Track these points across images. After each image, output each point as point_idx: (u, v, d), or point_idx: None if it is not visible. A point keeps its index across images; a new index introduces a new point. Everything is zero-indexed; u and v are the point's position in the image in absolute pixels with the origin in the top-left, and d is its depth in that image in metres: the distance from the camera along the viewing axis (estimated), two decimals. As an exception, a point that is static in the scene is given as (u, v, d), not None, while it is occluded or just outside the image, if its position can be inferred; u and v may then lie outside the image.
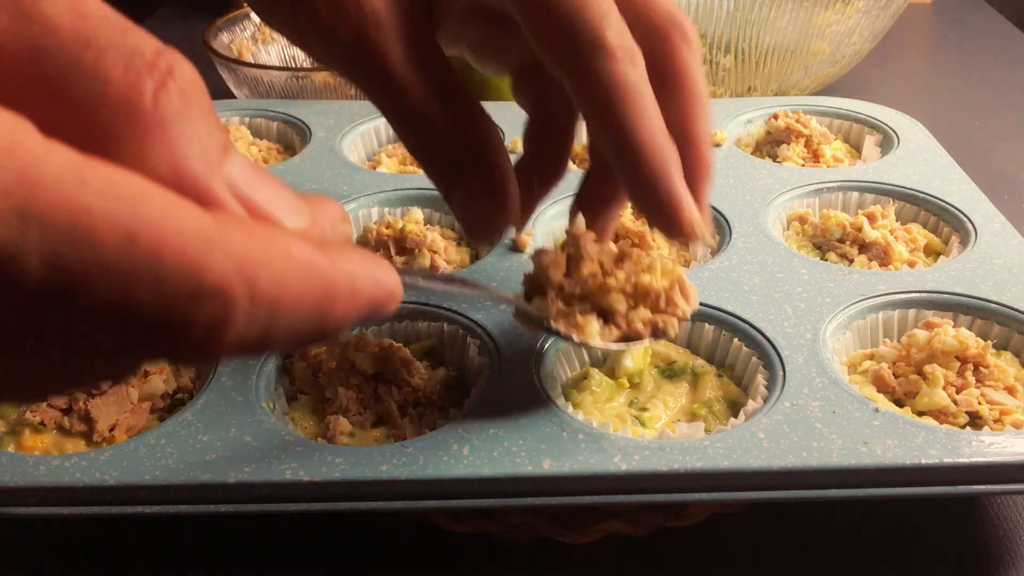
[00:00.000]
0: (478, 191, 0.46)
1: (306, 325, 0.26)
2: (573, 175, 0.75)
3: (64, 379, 0.25)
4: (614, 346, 0.46)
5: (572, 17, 0.41)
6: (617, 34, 0.42)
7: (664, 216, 0.42)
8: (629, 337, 0.46)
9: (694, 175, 0.44)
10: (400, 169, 0.79)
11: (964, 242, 0.66)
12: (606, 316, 0.46)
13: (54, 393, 0.27)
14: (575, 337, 0.45)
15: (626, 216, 0.68)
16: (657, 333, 0.47)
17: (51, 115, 0.24)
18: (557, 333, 0.46)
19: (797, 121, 0.81)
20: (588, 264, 0.46)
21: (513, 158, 0.78)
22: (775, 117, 0.82)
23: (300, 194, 0.29)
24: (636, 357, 0.54)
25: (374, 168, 0.79)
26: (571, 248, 0.46)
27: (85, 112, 0.24)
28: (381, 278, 0.29)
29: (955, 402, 0.52)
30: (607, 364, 0.55)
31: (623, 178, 0.43)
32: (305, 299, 0.26)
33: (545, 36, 0.43)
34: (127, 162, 0.24)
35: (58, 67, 0.24)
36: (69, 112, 0.24)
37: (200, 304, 0.23)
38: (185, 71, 0.26)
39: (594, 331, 0.46)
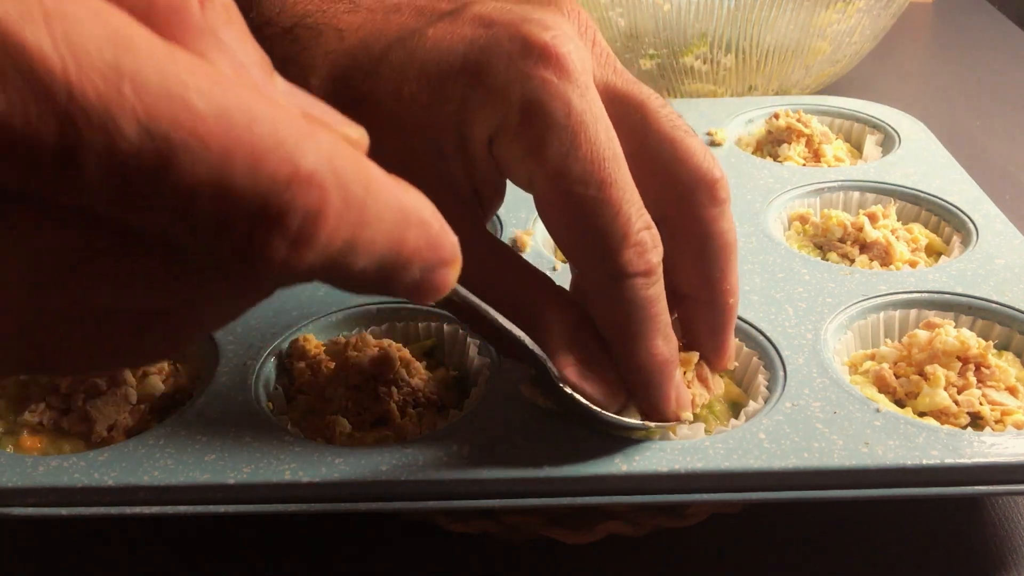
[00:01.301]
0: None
1: (383, 247, 0.24)
2: (573, 175, 0.75)
3: (144, 299, 0.24)
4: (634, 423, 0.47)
5: (592, 243, 0.42)
6: (636, 255, 0.42)
7: (655, 409, 0.47)
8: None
9: (715, 325, 0.49)
10: (400, 169, 0.79)
11: (965, 242, 0.66)
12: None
13: (125, 332, 0.25)
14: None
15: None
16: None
17: None
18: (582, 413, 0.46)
19: (798, 121, 0.81)
20: None
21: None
22: (776, 116, 0.82)
23: None
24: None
25: (374, 167, 0.78)
26: None
27: (140, 16, 0.21)
28: (446, 232, 0.27)
29: (956, 403, 0.52)
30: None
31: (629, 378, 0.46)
32: (385, 211, 0.24)
33: (568, 250, 0.46)
34: None
35: None
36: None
37: (296, 191, 0.21)
38: None
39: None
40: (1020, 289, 0.59)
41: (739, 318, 0.57)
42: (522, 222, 0.68)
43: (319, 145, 0.22)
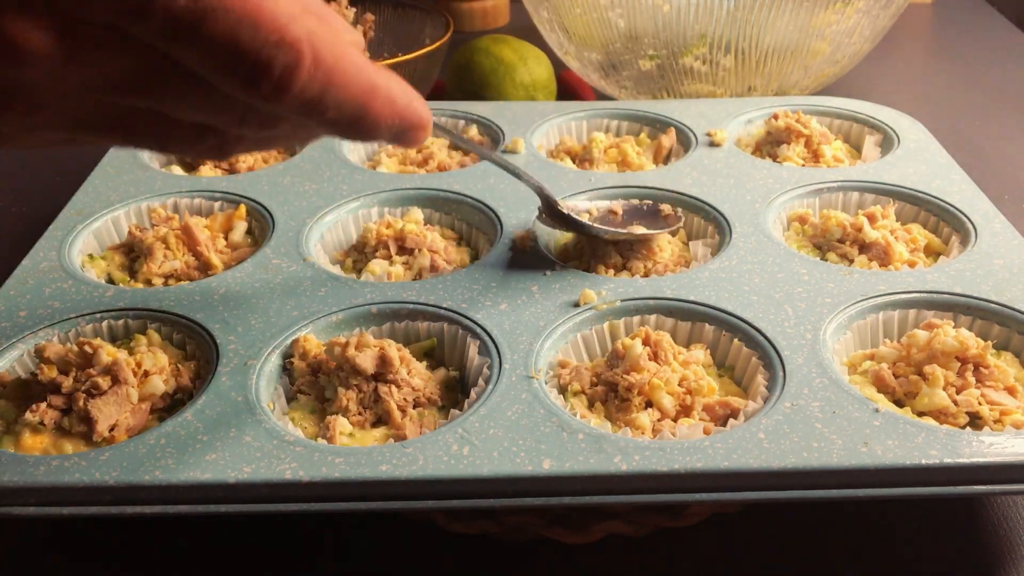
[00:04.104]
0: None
1: (351, 106, 0.36)
2: (574, 175, 0.75)
3: (180, 113, 0.37)
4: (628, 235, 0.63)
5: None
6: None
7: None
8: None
9: None
10: (400, 169, 0.79)
11: (964, 242, 0.66)
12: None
13: (170, 135, 0.38)
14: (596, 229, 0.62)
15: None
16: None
17: None
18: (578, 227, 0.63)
19: (797, 121, 0.81)
20: None
21: (514, 158, 0.79)
22: (775, 117, 0.82)
23: None
24: None
25: (374, 168, 0.79)
26: None
27: None
28: (415, 104, 0.39)
29: (955, 402, 0.52)
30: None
31: None
32: (352, 84, 0.36)
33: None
34: None
35: None
36: None
37: (279, 51, 0.34)
38: None
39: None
40: (1019, 289, 0.59)
41: (739, 318, 0.57)
42: (522, 222, 0.68)
43: (305, 25, 0.34)
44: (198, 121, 0.38)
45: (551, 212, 0.64)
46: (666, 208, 0.69)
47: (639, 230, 0.65)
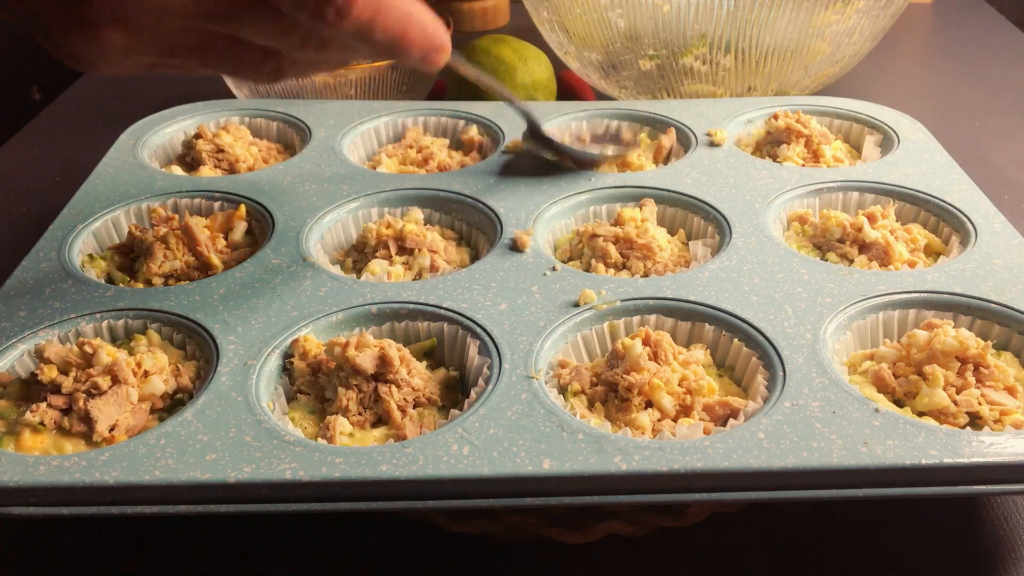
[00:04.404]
0: None
1: (393, 30, 0.45)
2: (574, 175, 0.75)
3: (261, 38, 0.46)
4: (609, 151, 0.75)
5: None
6: None
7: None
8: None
9: None
10: (400, 169, 0.79)
11: (964, 242, 0.66)
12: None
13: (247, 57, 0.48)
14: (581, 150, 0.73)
15: (627, 215, 0.68)
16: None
17: None
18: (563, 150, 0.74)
19: (797, 121, 0.81)
20: None
21: (515, 158, 0.79)
22: (775, 117, 0.82)
23: None
24: None
25: (374, 168, 0.79)
26: None
27: None
28: (441, 32, 0.48)
29: (955, 402, 0.52)
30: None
31: None
32: (395, 11, 0.45)
33: None
34: None
35: None
36: None
37: None
38: None
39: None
40: (1018, 289, 0.59)
41: (739, 318, 0.57)
42: (522, 222, 0.68)
43: None
44: (265, 45, 0.47)
45: (535, 135, 0.75)
46: (626, 134, 0.83)
47: (609, 150, 0.77)
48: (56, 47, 0.45)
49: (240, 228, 0.70)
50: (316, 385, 0.55)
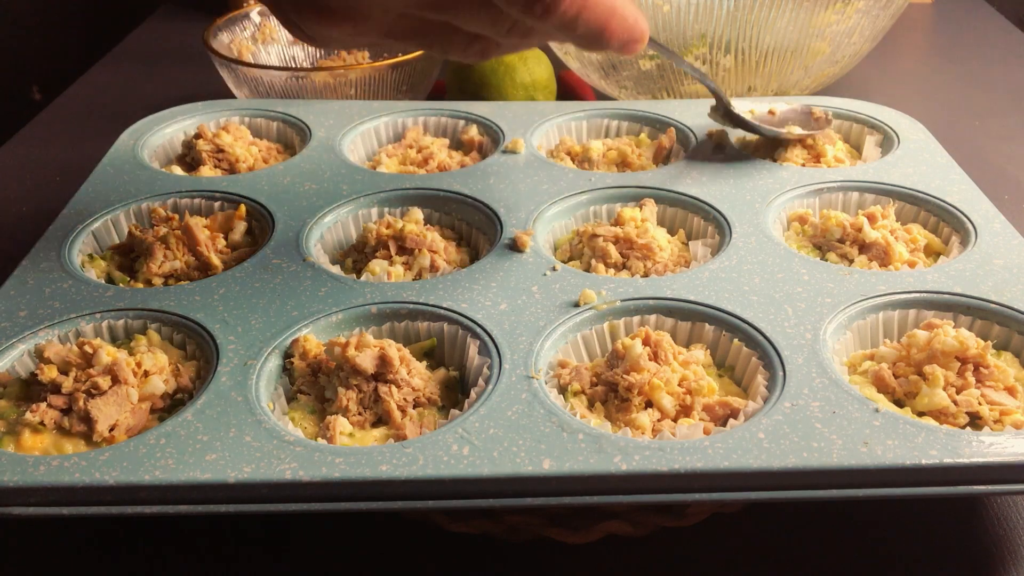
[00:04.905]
0: None
1: (596, 24, 0.47)
2: (574, 175, 0.75)
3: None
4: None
5: None
6: None
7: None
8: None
9: None
10: (400, 169, 0.79)
11: (964, 242, 0.66)
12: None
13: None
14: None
15: (626, 217, 0.68)
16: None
17: None
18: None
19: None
20: None
21: (514, 159, 0.79)
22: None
23: None
24: None
25: (374, 168, 0.79)
26: None
27: None
28: (640, 22, 0.49)
29: (955, 402, 0.52)
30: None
31: None
32: (599, 6, 0.46)
33: None
34: None
35: None
36: None
37: None
38: None
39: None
40: (1018, 289, 0.59)
41: (739, 318, 0.57)
42: (522, 222, 0.68)
43: None
44: (474, 31, 0.51)
45: (723, 111, 0.78)
46: (817, 111, 0.81)
47: (796, 130, 0.78)
48: (289, 24, 0.51)
49: (240, 228, 0.70)
50: (316, 385, 0.55)
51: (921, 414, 0.52)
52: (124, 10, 1.55)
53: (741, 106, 0.81)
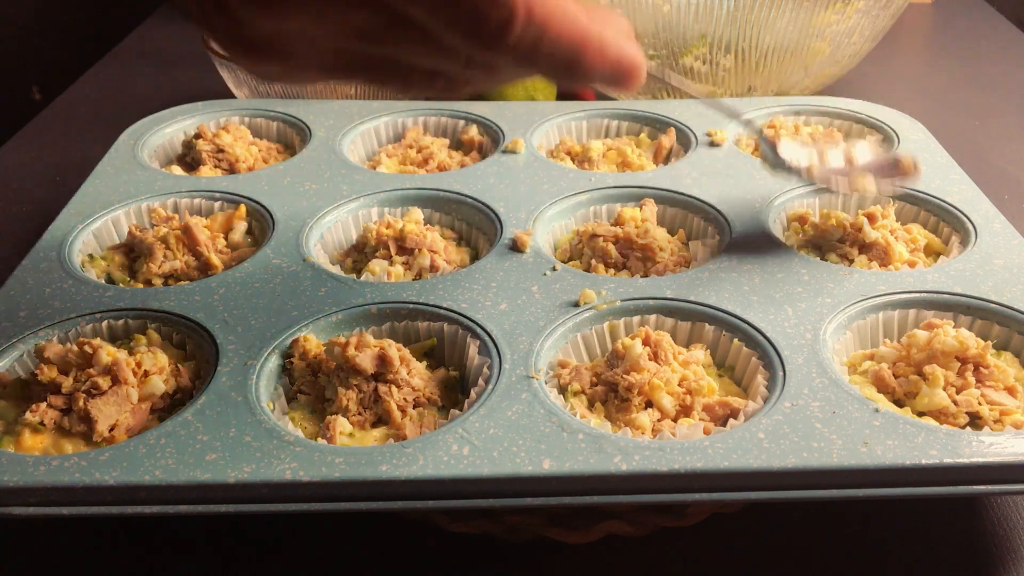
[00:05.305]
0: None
1: (563, 55, 0.40)
2: (574, 175, 0.75)
3: (409, 59, 0.42)
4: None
5: None
6: None
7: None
8: None
9: None
10: (400, 169, 0.79)
11: (964, 242, 0.66)
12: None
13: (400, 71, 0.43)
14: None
15: (628, 216, 0.68)
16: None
17: None
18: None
19: (794, 127, 0.81)
20: None
21: (514, 159, 0.79)
22: (771, 126, 0.82)
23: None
24: None
25: (374, 168, 0.79)
26: None
27: None
28: (627, 52, 0.42)
29: (955, 402, 0.52)
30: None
31: None
32: (564, 35, 0.39)
33: None
34: None
35: None
36: None
37: (494, 7, 0.38)
38: None
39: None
40: (1018, 289, 0.59)
41: (739, 318, 0.57)
42: (522, 222, 0.68)
43: None
44: (429, 67, 0.43)
45: (773, 159, 0.65)
46: (905, 159, 0.65)
47: (867, 179, 0.63)
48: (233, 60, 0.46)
49: (240, 228, 0.70)
50: (316, 385, 0.55)
51: (921, 414, 0.52)
52: (124, 10, 1.55)
53: (798, 150, 0.66)
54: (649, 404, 0.52)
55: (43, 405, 0.51)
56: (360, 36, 0.41)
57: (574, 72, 0.41)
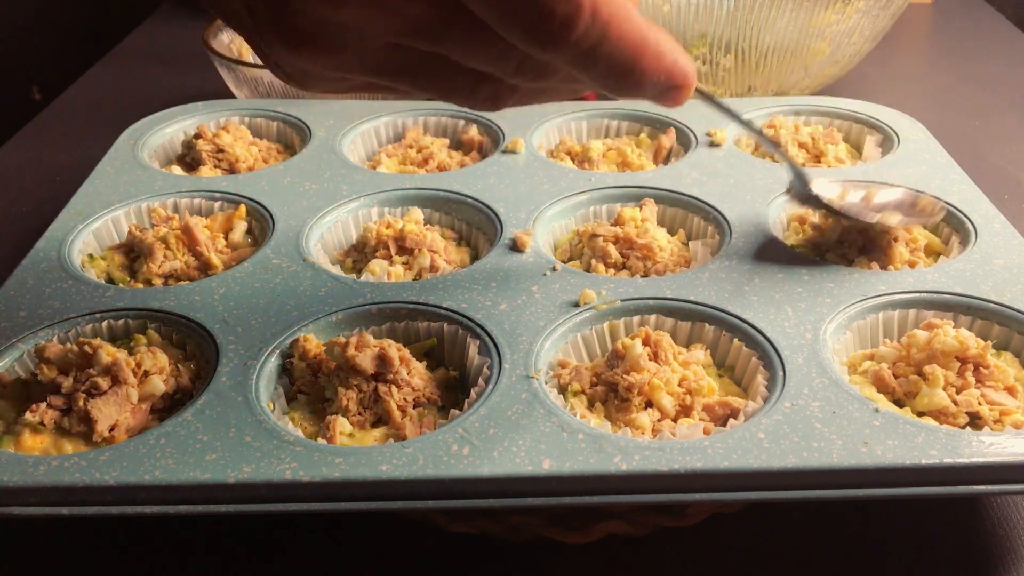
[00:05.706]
0: None
1: (621, 59, 0.39)
2: (574, 175, 0.75)
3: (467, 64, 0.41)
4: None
5: None
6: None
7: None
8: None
9: None
10: (400, 169, 0.79)
11: (964, 242, 0.66)
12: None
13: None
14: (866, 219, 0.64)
15: (626, 216, 0.68)
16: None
17: None
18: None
19: (794, 128, 0.81)
20: None
21: (514, 159, 0.79)
22: (770, 126, 0.82)
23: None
24: None
25: (374, 168, 0.79)
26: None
27: None
28: (682, 61, 0.41)
29: (955, 402, 0.52)
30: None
31: None
32: (625, 37, 0.38)
33: None
34: None
35: None
36: None
37: (559, 5, 0.36)
38: None
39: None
40: (1019, 289, 0.59)
41: (739, 318, 0.57)
42: (522, 222, 0.68)
43: None
44: (478, 69, 0.42)
45: (801, 193, 0.65)
46: (925, 201, 0.67)
47: (895, 217, 0.64)
48: (266, 59, 0.44)
49: (240, 228, 0.70)
50: (316, 385, 0.55)
51: (921, 414, 0.52)
52: (124, 10, 1.55)
53: (828, 188, 0.67)
54: (649, 404, 0.52)
55: (43, 405, 0.51)
56: (414, 30, 0.39)
57: (627, 79, 0.40)
